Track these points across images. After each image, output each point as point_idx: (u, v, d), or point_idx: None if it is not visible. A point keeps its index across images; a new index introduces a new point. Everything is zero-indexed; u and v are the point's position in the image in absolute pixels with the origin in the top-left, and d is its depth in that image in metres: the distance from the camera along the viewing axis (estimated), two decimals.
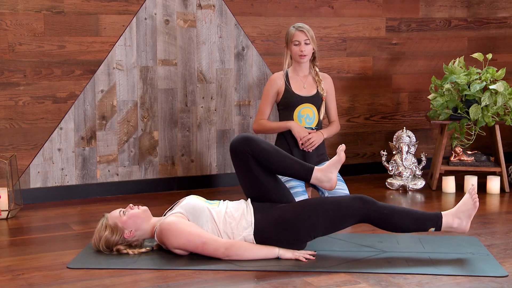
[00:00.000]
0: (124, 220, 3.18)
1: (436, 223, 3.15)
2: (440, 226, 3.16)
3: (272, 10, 4.86)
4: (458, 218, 3.17)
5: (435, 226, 3.15)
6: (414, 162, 4.71)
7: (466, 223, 3.18)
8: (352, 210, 3.12)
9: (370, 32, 5.17)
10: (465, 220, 3.18)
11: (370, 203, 3.13)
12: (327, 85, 4.24)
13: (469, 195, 3.18)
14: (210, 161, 4.80)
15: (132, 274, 2.96)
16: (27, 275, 2.96)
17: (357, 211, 3.12)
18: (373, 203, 3.14)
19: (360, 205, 3.12)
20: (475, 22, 5.48)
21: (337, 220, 3.13)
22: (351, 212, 3.12)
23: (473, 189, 3.19)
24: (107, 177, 4.54)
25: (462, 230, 3.20)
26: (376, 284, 2.83)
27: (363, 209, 3.12)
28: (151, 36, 4.55)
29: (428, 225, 3.16)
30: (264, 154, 3.23)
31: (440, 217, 3.16)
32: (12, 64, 4.25)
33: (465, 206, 3.18)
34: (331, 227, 3.15)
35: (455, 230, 3.19)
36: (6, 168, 4.07)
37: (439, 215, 3.16)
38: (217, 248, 3.07)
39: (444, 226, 3.16)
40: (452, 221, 3.17)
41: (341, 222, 3.15)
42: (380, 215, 3.12)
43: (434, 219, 3.16)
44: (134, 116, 4.57)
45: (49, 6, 4.29)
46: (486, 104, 4.49)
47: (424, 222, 3.16)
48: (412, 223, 3.15)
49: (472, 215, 3.19)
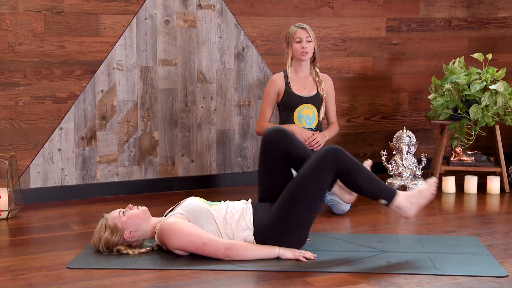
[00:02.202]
0: (123, 220, 3.18)
1: (389, 198, 3.17)
2: (391, 201, 3.17)
3: (272, 10, 4.86)
4: (410, 202, 3.18)
5: (387, 200, 3.18)
6: (414, 162, 4.71)
7: (414, 210, 3.20)
8: (328, 171, 3.13)
9: (370, 32, 5.17)
10: (415, 207, 3.19)
11: (339, 158, 3.14)
12: (327, 86, 4.25)
13: (429, 187, 3.20)
14: (210, 161, 4.80)
15: (132, 274, 2.96)
16: (27, 275, 2.96)
17: (331, 168, 3.13)
18: (342, 156, 3.14)
19: (331, 161, 3.13)
20: (475, 22, 5.48)
21: (322, 189, 3.14)
22: (327, 172, 3.13)
23: (435, 183, 3.21)
24: (107, 177, 4.54)
25: (407, 215, 3.20)
26: (376, 284, 2.83)
27: (334, 164, 3.12)
28: (151, 36, 4.56)
29: (382, 196, 3.18)
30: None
31: (395, 194, 3.18)
32: (12, 64, 4.25)
33: (421, 194, 3.20)
34: (321, 196, 3.17)
35: (401, 212, 3.20)
36: (6, 168, 4.07)
37: (395, 192, 3.18)
38: (217, 248, 3.07)
39: (394, 205, 3.18)
40: (403, 202, 3.18)
41: (324, 185, 3.16)
42: (346, 170, 3.13)
43: (390, 193, 3.18)
44: (134, 116, 4.57)
45: (49, 6, 4.29)
46: (486, 104, 4.49)
47: (380, 192, 3.18)
48: (371, 188, 3.17)
49: (422, 205, 3.21)
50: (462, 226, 3.77)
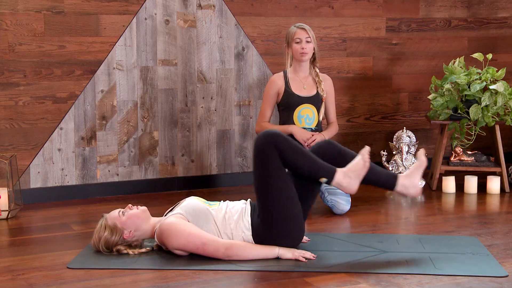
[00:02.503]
0: (123, 220, 3.18)
1: (329, 175, 3.16)
2: (332, 179, 3.16)
3: (272, 10, 4.86)
4: (348, 177, 3.17)
5: (327, 178, 3.16)
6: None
7: (354, 183, 3.18)
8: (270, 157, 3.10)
9: (370, 32, 5.17)
10: (354, 180, 3.18)
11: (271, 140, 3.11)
12: (327, 86, 4.24)
13: (361, 156, 3.19)
14: (210, 161, 4.80)
15: (132, 274, 2.96)
16: (27, 275, 2.96)
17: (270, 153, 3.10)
18: (273, 140, 3.11)
19: (266, 145, 3.10)
20: (475, 22, 5.48)
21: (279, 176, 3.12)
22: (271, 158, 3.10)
23: (366, 151, 3.20)
24: (107, 177, 4.54)
25: (350, 190, 3.19)
26: (376, 284, 2.83)
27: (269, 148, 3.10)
28: (151, 36, 4.56)
29: (322, 175, 3.17)
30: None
31: (334, 172, 3.16)
32: (12, 64, 4.25)
33: (356, 166, 3.18)
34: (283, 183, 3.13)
35: (344, 189, 3.18)
36: (6, 168, 4.07)
37: (334, 170, 3.17)
38: (217, 248, 3.07)
39: (335, 182, 3.16)
40: (343, 179, 3.17)
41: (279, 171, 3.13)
42: (280, 151, 3.11)
43: (329, 171, 3.16)
44: (134, 116, 4.57)
45: (49, 6, 4.29)
46: (486, 104, 4.49)
47: (318, 169, 3.16)
48: (310, 167, 3.16)
49: (361, 176, 3.18)
50: (462, 226, 3.77)
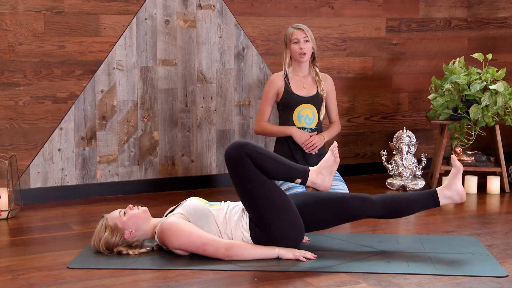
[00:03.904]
0: (124, 220, 3.18)
1: (302, 176, 3.19)
2: (306, 180, 3.20)
3: (272, 10, 4.86)
4: (321, 174, 3.21)
5: (301, 178, 3.20)
6: (414, 162, 4.71)
7: (328, 179, 3.22)
8: (243, 164, 3.09)
9: (370, 32, 5.17)
10: (327, 176, 3.22)
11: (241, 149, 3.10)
12: (327, 86, 4.24)
13: (331, 152, 3.24)
14: (210, 161, 4.80)
15: (132, 274, 2.96)
16: (27, 275, 2.96)
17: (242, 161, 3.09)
18: (244, 148, 3.10)
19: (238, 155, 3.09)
20: (475, 22, 5.48)
21: (258, 181, 3.12)
22: (243, 165, 3.10)
23: (334, 146, 3.25)
24: (107, 177, 4.54)
25: (324, 187, 3.22)
26: (376, 284, 2.83)
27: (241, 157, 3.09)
28: (151, 36, 4.56)
29: (296, 177, 3.20)
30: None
31: (307, 172, 3.19)
32: (12, 64, 4.25)
33: (327, 162, 3.23)
34: (265, 186, 3.13)
35: (318, 186, 3.22)
36: (6, 168, 4.07)
37: (307, 170, 3.20)
38: (218, 248, 3.07)
39: (309, 181, 3.20)
40: (316, 177, 3.20)
41: (255, 176, 3.12)
42: (252, 159, 3.10)
43: (302, 172, 3.19)
44: (134, 116, 4.57)
45: (49, 6, 4.29)
46: (486, 104, 4.49)
47: (292, 173, 3.19)
48: (284, 170, 3.17)
49: (333, 171, 3.23)
50: (462, 226, 3.77)
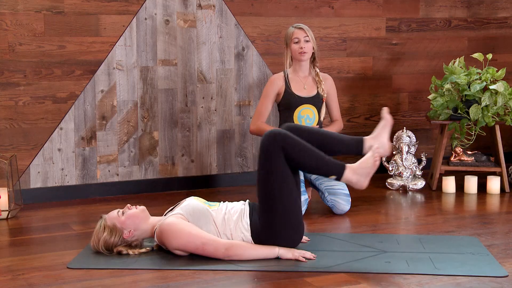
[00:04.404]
0: (122, 220, 3.18)
1: (338, 173, 3.16)
2: (341, 177, 3.17)
3: (272, 10, 4.86)
4: (358, 175, 3.18)
5: (336, 176, 3.17)
6: (414, 162, 4.71)
7: (364, 180, 3.19)
8: (274, 157, 3.09)
9: (370, 32, 5.17)
10: (363, 177, 3.18)
11: (277, 140, 3.10)
12: (328, 86, 4.24)
13: (372, 155, 3.19)
14: (210, 161, 4.80)
15: (132, 274, 2.96)
16: (27, 275, 2.96)
17: (275, 154, 3.09)
18: (280, 139, 3.10)
19: (272, 146, 3.09)
20: (475, 22, 5.48)
21: (282, 177, 3.11)
22: (275, 158, 3.10)
23: (377, 149, 3.21)
24: (107, 177, 4.54)
25: (359, 186, 3.20)
26: (376, 284, 2.83)
27: (275, 148, 3.09)
28: (151, 36, 4.56)
29: (331, 173, 3.17)
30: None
31: (344, 169, 3.16)
32: (12, 64, 4.25)
33: (365, 164, 3.18)
34: (286, 184, 3.13)
35: (354, 185, 3.20)
36: (6, 168, 4.07)
37: (344, 167, 3.16)
38: (217, 248, 3.07)
39: (344, 179, 3.17)
40: (352, 176, 3.17)
41: (283, 172, 3.12)
42: (287, 152, 3.09)
43: (338, 168, 3.16)
44: (134, 116, 4.57)
45: (49, 6, 4.29)
46: (486, 104, 4.49)
47: (327, 168, 3.16)
48: (317, 165, 3.15)
49: (370, 174, 3.19)
50: (462, 226, 3.77)
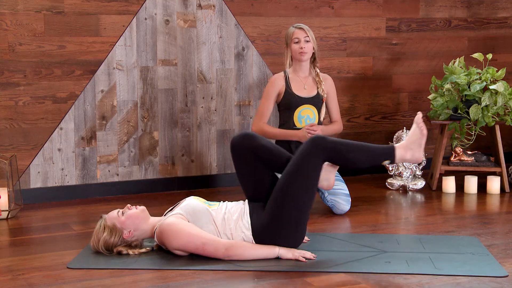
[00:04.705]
0: (122, 220, 3.18)
1: (390, 156, 3.18)
2: (394, 158, 3.18)
3: (272, 10, 4.86)
4: (410, 149, 3.20)
5: (389, 159, 3.19)
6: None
7: (418, 153, 3.21)
8: (312, 156, 3.12)
9: (370, 32, 5.17)
10: (417, 150, 3.20)
11: (321, 141, 3.13)
12: (327, 86, 4.24)
13: (416, 125, 3.21)
14: (210, 161, 4.80)
15: (132, 274, 2.96)
16: (27, 275, 2.96)
17: (316, 154, 3.11)
18: (324, 141, 3.13)
19: (314, 146, 3.12)
20: (475, 22, 5.48)
21: (311, 181, 3.14)
22: (312, 158, 3.12)
23: (418, 118, 3.22)
24: (107, 177, 4.54)
25: (415, 160, 3.22)
26: (376, 284, 2.83)
27: (318, 150, 3.11)
28: (151, 36, 4.56)
29: (383, 158, 3.19)
30: (264, 149, 3.22)
31: (393, 150, 3.18)
32: (12, 64, 4.25)
33: (414, 136, 3.21)
34: (310, 188, 3.15)
35: (409, 161, 3.22)
36: (6, 168, 4.07)
37: (392, 148, 3.19)
38: (217, 248, 3.07)
39: (398, 158, 3.19)
40: (405, 153, 3.19)
41: (312, 175, 3.14)
42: (335, 153, 3.13)
43: (388, 152, 3.18)
44: (134, 116, 4.57)
45: (49, 6, 4.29)
46: (486, 104, 4.49)
47: (379, 156, 3.19)
48: (366, 157, 3.18)
49: (422, 144, 3.21)
50: (462, 226, 3.77)
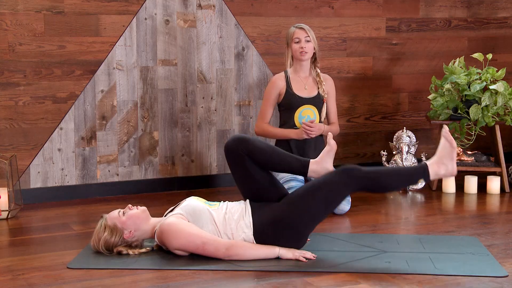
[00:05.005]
0: (123, 220, 3.18)
1: (423, 174, 3.17)
2: (428, 176, 3.17)
3: (272, 10, 4.86)
4: (443, 164, 3.18)
5: (423, 177, 3.17)
6: (414, 162, 4.71)
7: (451, 166, 3.19)
8: (342, 186, 3.13)
9: (370, 32, 5.17)
10: (450, 163, 3.18)
11: (355, 173, 3.13)
12: (328, 87, 4.24)
13: (444, 138, 3.20)
14: (210, 161, 4.80)
15: (132, 274, 2.96)
16: (27, 275, 2.96)
17: (347, 185, 3.13)
18: (358, 171, 3.14)
19: (346, 180, 3.12)
20: (475, 22, 5.48)
21: (331, 200, 3.15)
22: (341, 188, 3.13)
23: (446, 131, 3.21)
24: (107, 177, 4.54)
25: (450, 174, 3.20)
26: (376, 284, 2.83)
27: (351, 181, 3.12)
28: (151, 36, 4.56)
29: (417, 178, 3.18)
30: (259, 151, 3.24)
31: (426, 168, 3.16)
32: (12, 64, 4.25)
33: (444, 150, 3.19)
34: (328, 208, 3.17)
35: (444, 176, 3.21)
36: (6, 168, 4.07)
37: (425, 166, 3.17)
38: (218, 248, 3.07)
39: (432, 175, 3.17)
40: (438, 168, 3.17)
41: (335, 200, 3.17)
42: (369, 181, 3.13)
43: (421, 171, 3.17)
44: (134, 116, 4.57)
45: (49, 6, 4.29)
46: (486, 104, 4.49)
47: (412, 176, 3.19)
48: (401, 180, 3.18)
49: (454, 157, 3.19)
50: (462, 226, 3.77)
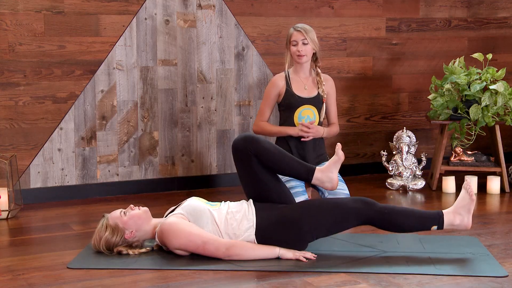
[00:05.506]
0: (125, 220, 3.18)
1: (438, 221, 3.16)
2: (442, 224, 3.16)
3: (272, 10, 4.86)
4: (459, 214, 3.18)
5: (437, 225, 3.16)
6: (414, 162, 4.71)
7: (467, 219, 3.18)
8: (354, 212, 3.13)
9: (370, 32, 5.17)
10: (466, 215, 3.18)
11: (371, 204, 3.14)
12: (328, 87, 4.23)
13: (465, 190, 3.19)
14: (210, 161, 4.80)
15: (132, 274, 2.96)
16: (27, 275, 2.96)
17: (359, 213, 3.13)
18: (374, 205, 3.15)
19: (361, 206, 3.13)
20: (475, 22, 5.48)
21: (339, 221, 3.15)
22: (353, 214, 3.14)
23: (467, 184, 3.20)
24: (107, 177, 4.54)
25: (464, 226, 3.19)
26: (376, 284, 2.83)
27: (364, 211, 3.13)
28: (151, 36, 4.56)
29: (430, 224, 3.17)
30: (267, 153, 3.24)
31: (441, 215, 3.17)
32: (12, 64, 4.25)
33: (463, 201, 3.19)
34: (333, 228, 3.17)
35: (458, 227, 3.19)
36: (6, 168, 4.07)
37: (440, 214, 3.17)
38: (218, 248, 3.07)
39: (446, 224, 3.17)
40: (454, 218, 3.17)
41: (343, 223, 3.16)
42: (382, 215, 3.13)
43: (436, 217, 3.17)
44: (134, 116, 4.57)
45: (49, 6, 4.29)
46: (486, 104, 4.49)
47: (426, 221, 3.17)
48: (414, 222, 3.17)
49: (471, 210, 3.18)
50: None
